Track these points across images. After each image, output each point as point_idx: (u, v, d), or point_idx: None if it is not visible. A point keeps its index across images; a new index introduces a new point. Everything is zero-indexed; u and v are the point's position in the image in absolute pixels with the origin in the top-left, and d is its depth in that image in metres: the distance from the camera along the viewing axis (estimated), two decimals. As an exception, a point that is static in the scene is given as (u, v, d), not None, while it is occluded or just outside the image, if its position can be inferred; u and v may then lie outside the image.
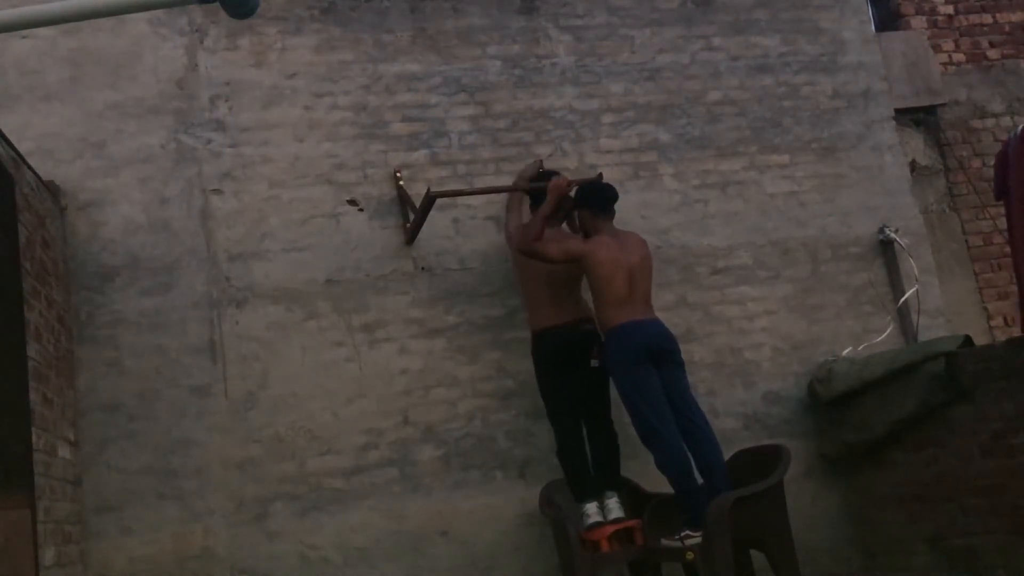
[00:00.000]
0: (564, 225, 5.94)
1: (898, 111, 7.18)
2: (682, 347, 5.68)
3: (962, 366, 5.45)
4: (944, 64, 7.74)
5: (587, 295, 5.70)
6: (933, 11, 7.88)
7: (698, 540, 5.10)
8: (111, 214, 5.80)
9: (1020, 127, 5.50)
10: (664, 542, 5.27)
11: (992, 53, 7.88)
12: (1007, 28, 7.95)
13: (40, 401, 4.73)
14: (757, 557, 5.52)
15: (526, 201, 6.00)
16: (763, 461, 5.56)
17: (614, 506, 5.45)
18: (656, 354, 5.41)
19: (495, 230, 6.16)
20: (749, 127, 6.77)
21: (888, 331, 6.53)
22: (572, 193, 5.79)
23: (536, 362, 5.69)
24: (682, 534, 5.17)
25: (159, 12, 5.99)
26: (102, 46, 6.00)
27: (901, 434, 5.81)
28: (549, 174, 5.93)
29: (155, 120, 5.97)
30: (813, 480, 6.20)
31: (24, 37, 5.73)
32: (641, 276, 5.58)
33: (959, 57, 7.84)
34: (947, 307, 6.85)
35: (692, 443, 5.35)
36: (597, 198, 5.75)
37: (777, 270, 6.56)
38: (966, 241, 7.41)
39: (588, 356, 5.54)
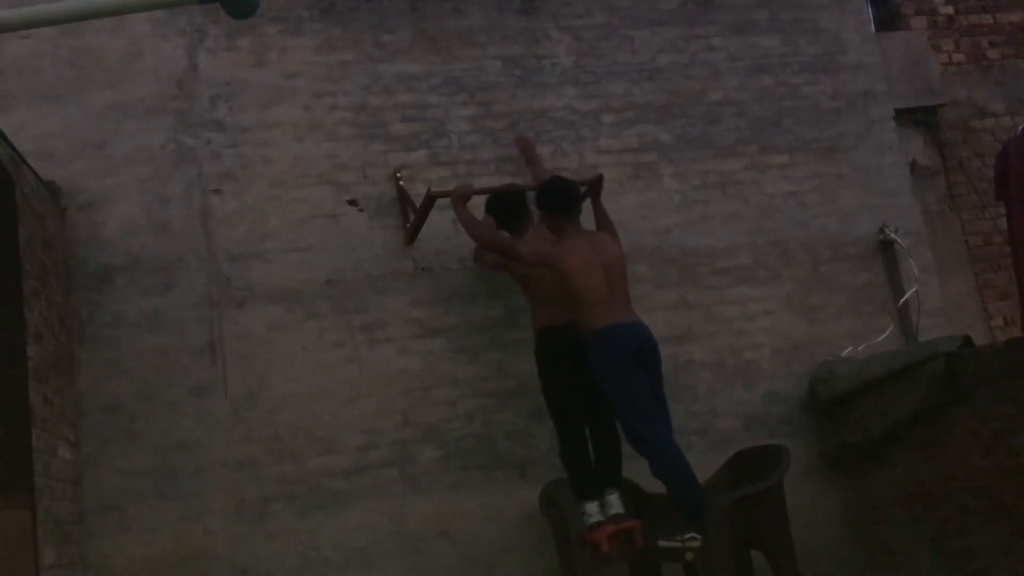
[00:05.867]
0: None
1: (898, 111, 7.18)
2: (682, 347, 5.71)
3: (962, 366, 5.45)
4: (944, 64, 7.74)
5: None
6: (933, 11, 7.88)
7: (697, 543, 5.03)
8: (111, 214, 5.80)
9: (1020, 127, 5.50)
10: (663, 543, 5.25)
11: (992, 53, 7.88)
12: (1007, 28, 7.95)
13: (40, 401, 4.73)
14: (757, 557, 5.52)
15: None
16: (763, 461, 5.57)
17: (615, 502, 5.40)
18: (643, 357, 5.24)
19: (495, 230, 6.16)
20: (749, 127, 6.77)
21: (888, 331, 6.53)
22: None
23: (538, 360, 5.68)
24: (687, 536, 5.08)
25: (159, 12, 5.99)
26: (102, 46, 6.00)
27: (901, 434, 5.81)
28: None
29: (155, 120, 5.97)
30: (813, 480, 6.20)
31: (24, 37, 5.73)
32: (616, 274, 5.34)
33: (959, 57, 7.84)
34: (947, 307, 6.85)
35: None
36: (555, 200, 5.46)
37: (777, 270, 6.56)
38: (966, 241, 7.41)
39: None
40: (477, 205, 6.11)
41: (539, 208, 5.58)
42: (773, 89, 6.88)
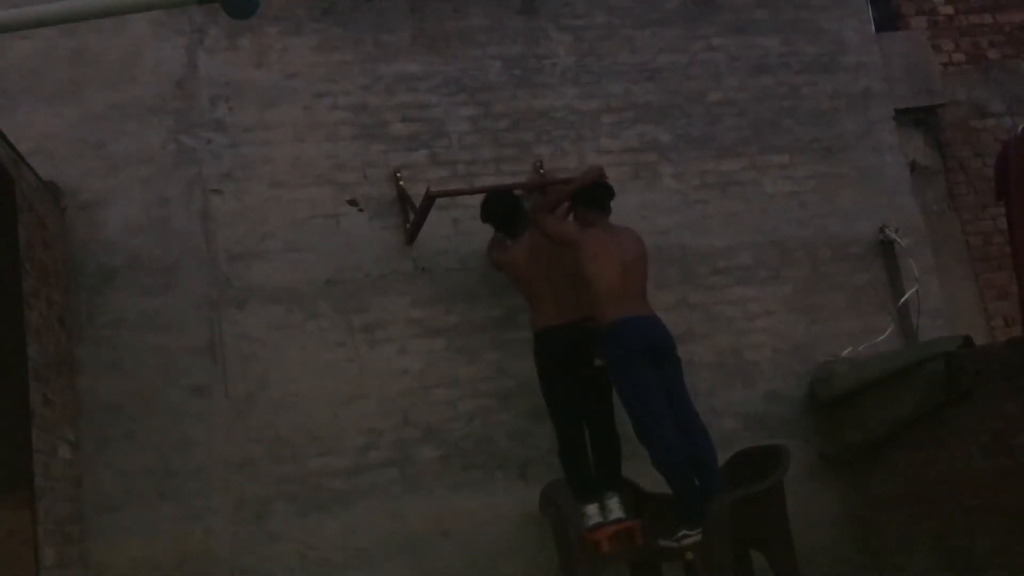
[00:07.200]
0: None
1: (898, 111, 7.18)
2: (682, 347, 5.68)
3: (962, 366, 5.45)
4: (944, 64, 7.73)
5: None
6: (933, 11, 7.88)
7: (697, 538, 5.09)
8: (111, 214, 5.80)
9: (1020, 127, 5.49)
10: (663, 543, 5.27)
11: (992, 53, 7.87)
12: (1007, 28, 7.95)
13: (40, 401, 4.73)
14: (757, 557, 5.52)
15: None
16: (763, 461, 5.57)
17: (615, 506, 5.44)
18: (655, 351, 5.38)
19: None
20: (749, 127, 6.77)
21: (888, 331, 6.53)
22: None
23: (537, 362, 5.68)
24: (679, 534, 5.16)
25: (159, 12, 5.99)
26: (102, 46, 6.00)
27: (901, 434, 5.81)
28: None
29: (155, 120, 5.97)
30: (813, 480, 6.20)
31: (24, 37, 5.72)
32: (635, 270, 5.53)
33: (959, 57, 7.83)
34: (947, 307, 6.85)
35: (688, 442, 5.33)
36: (597, 195, 5.71)
37: (777, 270, 6.56)
38: (966, 241, 7.40)
39: (591, 356, 5.52)
40: (469, 204, 6.12)
41: (581, 201, 5.71)
42: (773, 89, 6.88)
